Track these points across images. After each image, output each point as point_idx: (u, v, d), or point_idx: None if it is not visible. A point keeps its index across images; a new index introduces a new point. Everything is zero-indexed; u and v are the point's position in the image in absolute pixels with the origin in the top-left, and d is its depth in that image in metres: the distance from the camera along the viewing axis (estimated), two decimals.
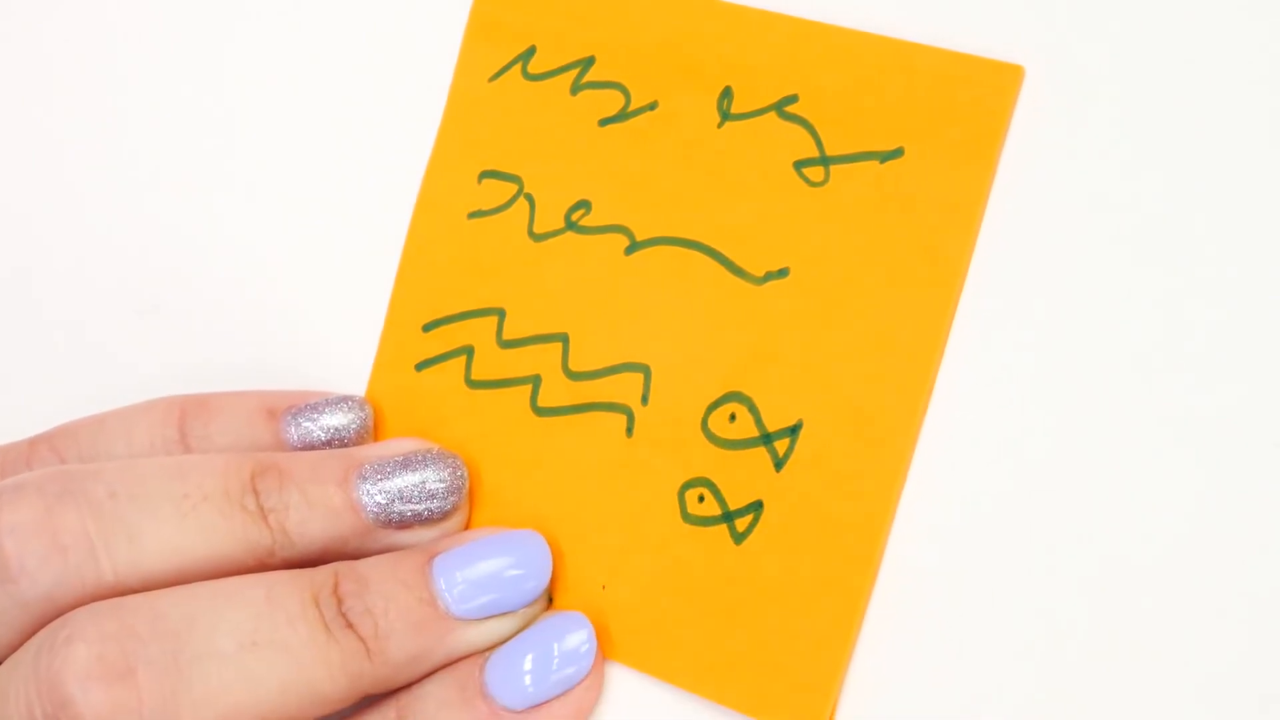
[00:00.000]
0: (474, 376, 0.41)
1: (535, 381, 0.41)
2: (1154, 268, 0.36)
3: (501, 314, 0.41)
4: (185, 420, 0.40)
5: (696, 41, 0.40)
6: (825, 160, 0.39)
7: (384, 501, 0.39)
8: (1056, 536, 0.37)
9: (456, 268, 0.42)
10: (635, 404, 0.40)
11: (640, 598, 0.39)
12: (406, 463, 0.39)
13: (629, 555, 0.39)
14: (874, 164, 0.38)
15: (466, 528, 0.40)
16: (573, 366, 0.40)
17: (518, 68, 0.42)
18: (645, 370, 0.40)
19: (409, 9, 0.43)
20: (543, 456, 0.40)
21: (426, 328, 0.42)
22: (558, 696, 0.38)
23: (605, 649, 0.40)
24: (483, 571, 0.38)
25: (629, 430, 0.40)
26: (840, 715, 0.38)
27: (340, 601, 0.37)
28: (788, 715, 0.38)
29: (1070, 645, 0.36)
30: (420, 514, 0.39)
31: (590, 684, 0.39)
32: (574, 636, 0.38)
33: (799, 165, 0.39)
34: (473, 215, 0.42)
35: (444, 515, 0.39)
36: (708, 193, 0.40)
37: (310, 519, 0.38)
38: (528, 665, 0.38)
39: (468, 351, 0.41)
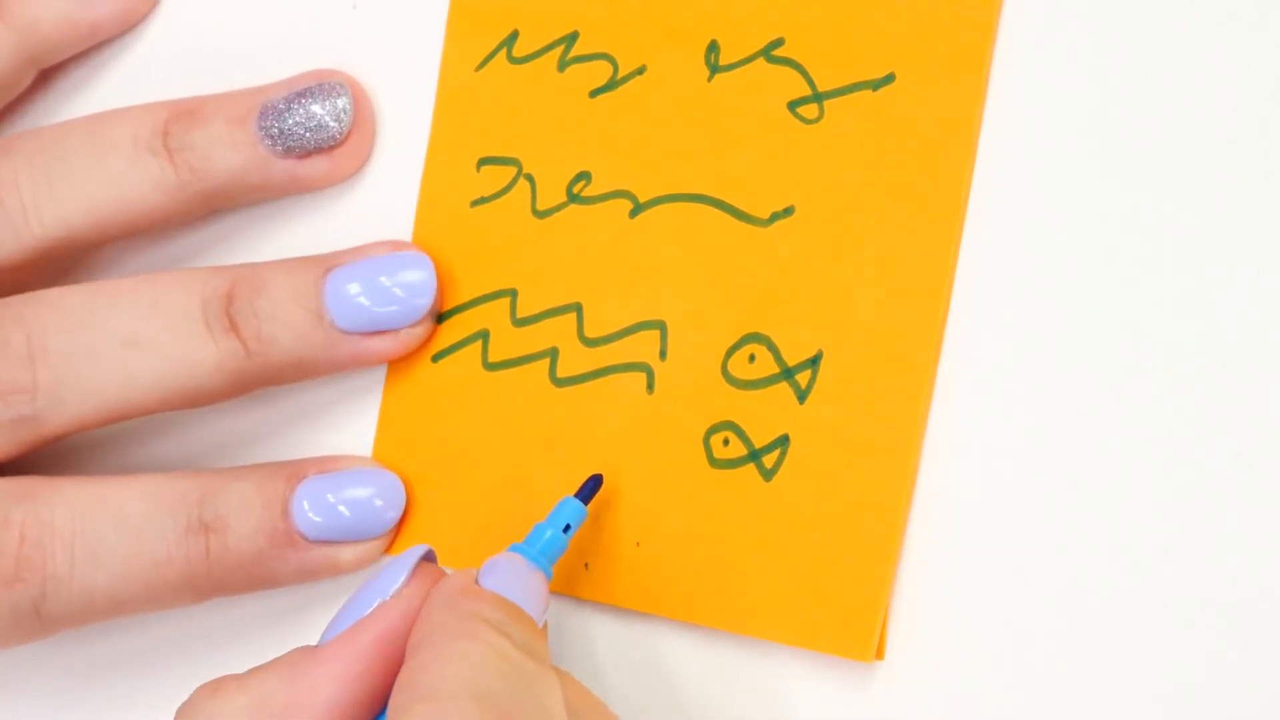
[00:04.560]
0: (491, 359, 0.41)
1: (553, 354, 0.41)
2: (1148, 156, 0.37)
3: (514, 294, 0.41)
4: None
5: (677, 1, 0.40)
6: (818, 97, 0.39)
7: (280, 132, 0.41)
8: (1091, 445, 0.37)
9: (464, 256, 0.42)
10: (654, 360, 0.40)
11: (675, 550, 0.39)
12: (302, 95, 0.41)
13: (660, 510, 0.39)
14: (867, 93, 0.39)
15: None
16: (588, 334, 0.40)
17: (503, 54, 0.42)
18: (661, 326, 0.40)
19: (389, 11, 0.43)
20: (565, 426, 0.40)
21: (440, 319, 0.42)
22: (347, 541, 0.41)
23: (646, 605, 0.39)
24: (371, 285, 0.40)
25: (649, 387, 0.40)
26: (890, 637, 0.38)
27: (230, 302, 0.40)
28: (837, 643, 0.37)
29: (1119, 552, 0.36)
30: (315, 140, 0.41)
31: (378, 544, 0.41)
32: (359, 490, 0.41)
33: (793, 105, 0.39)
34: (475, 203, 0.42)
35: (338, 142, 0.41)
36: (705, 145, 0.40)
37: (214, 155, 0.41)
38: (310, 507, 0.40)
39: (483, 335, 0.41)
